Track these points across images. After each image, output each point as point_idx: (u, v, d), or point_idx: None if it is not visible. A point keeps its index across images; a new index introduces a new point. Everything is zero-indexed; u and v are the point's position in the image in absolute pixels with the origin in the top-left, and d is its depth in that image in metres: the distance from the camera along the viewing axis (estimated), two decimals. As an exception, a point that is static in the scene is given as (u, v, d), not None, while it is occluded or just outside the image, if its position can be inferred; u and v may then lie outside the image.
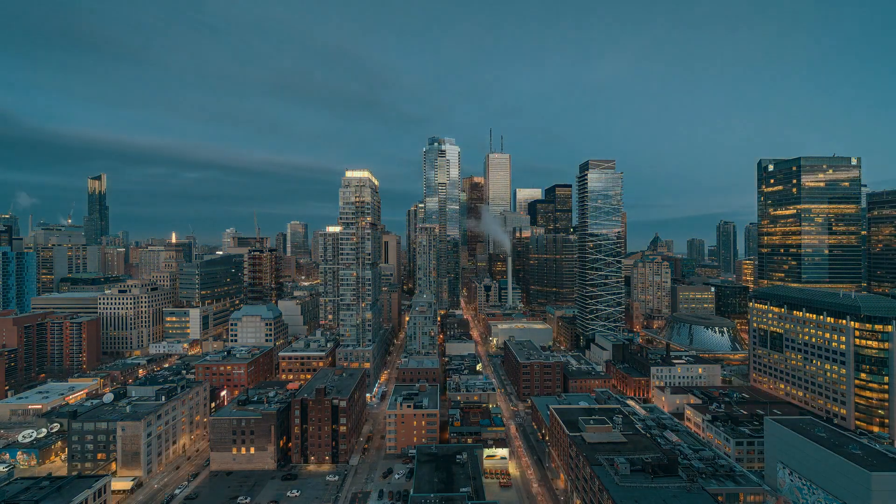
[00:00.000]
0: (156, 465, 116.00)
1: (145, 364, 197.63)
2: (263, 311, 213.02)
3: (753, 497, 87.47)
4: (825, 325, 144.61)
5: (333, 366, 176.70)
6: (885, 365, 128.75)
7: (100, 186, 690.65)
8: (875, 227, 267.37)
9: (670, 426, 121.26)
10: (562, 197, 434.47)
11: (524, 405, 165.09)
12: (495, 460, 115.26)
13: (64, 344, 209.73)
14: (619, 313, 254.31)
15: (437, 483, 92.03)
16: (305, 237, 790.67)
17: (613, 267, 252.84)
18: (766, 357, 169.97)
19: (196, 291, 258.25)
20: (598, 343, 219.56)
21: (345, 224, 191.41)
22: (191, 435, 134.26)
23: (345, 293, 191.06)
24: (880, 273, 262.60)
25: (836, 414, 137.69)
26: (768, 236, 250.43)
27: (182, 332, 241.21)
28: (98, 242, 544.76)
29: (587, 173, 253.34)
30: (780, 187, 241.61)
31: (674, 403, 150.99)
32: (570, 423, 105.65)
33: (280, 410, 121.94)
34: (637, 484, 79.22)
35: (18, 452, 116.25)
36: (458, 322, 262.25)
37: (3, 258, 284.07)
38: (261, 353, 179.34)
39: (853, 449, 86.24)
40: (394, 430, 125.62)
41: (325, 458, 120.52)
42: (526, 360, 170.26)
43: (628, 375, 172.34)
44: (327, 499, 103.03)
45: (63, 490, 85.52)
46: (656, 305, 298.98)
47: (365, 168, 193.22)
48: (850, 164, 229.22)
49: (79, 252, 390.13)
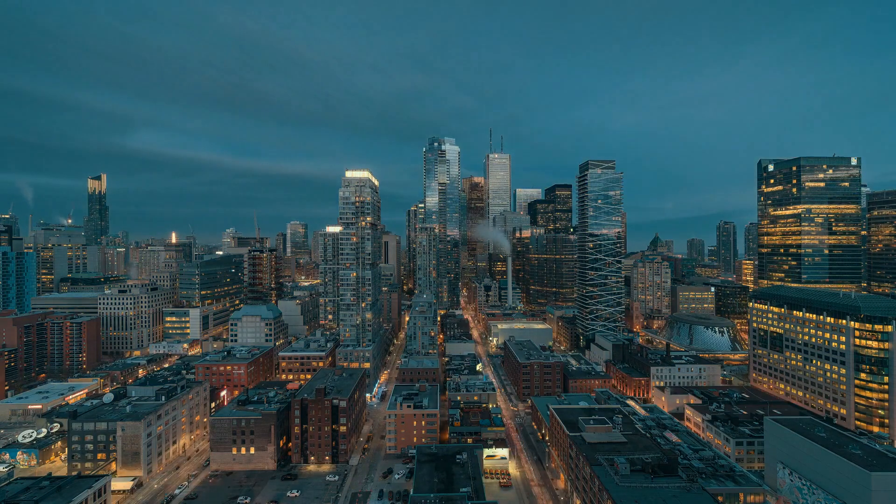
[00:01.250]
0: (156, 465, 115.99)
1: (145, 364, 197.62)
2: (263, 311, 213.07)
3: (753, 497, 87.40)
4: (825, 325, 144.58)
5: (333, 366, 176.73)
6: (885, 365, 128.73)
7: (100, 186, 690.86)
8: (875, 227, 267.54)
9: (670, 426, 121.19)
10: (562, 197, 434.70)
11: (524, 405, 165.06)
12: (495, 460, 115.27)
13: (64, 344, 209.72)
14: (619, 313, 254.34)
15: (437, 483, 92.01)
16: (305, 237, 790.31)
17: (613, 267, 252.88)
18: (766, 357, 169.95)
19: (196, 291, 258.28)
20: (598, 343, 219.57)
21: (345, 224, 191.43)
22: (191, 435, 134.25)
23: (345, 293, 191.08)
24: (880, 273, 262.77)
25: (836, 414, 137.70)
26: (768, 236, 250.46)
27: (182, 332, 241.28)
28: (98, 242, 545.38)
29: (587, 173, 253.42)
30: (780, 187, 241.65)
31: (674, 403, 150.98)
32: (570, 423, 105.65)
33: (280, 410, 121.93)
34: (637, 484, 79.20)
35: (18, 452, 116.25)
36: (458, 322, 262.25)
37: (3, 258, 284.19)
38: (261, 353, 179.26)
39: (853, 449, 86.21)
40: (394, 430, 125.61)
41: (325, 458, 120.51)
42: (526, 360, 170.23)
43: (628, 375, 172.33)
44: (327, 499, 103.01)
45: (63, 490, 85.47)
46: (656, 305, 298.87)
47: (365, 168, 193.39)
48: (850, 164, 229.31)
49: (79, 252, 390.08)
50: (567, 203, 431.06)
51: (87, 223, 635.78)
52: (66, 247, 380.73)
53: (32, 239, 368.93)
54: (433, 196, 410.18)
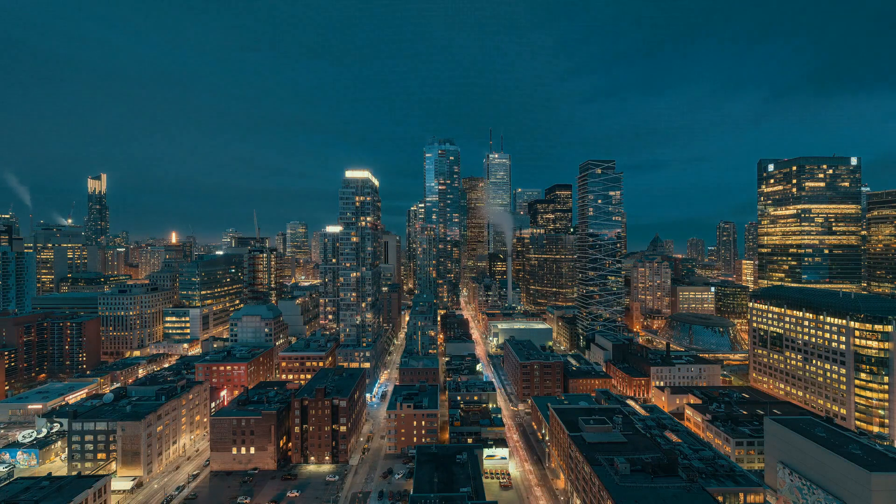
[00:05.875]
0: (156, 465, 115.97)
1: (145, 364, 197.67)
2: (263, 311, 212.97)
3: (753, 497, 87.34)
4: (825, 325, 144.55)
5: (333, 366, 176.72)
6: (885, 365, 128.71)
7: (100, 186, 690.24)
8: (875, 227, 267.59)
9: (670, 426, 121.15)
10: (562, 197, 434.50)
11: (524, 405, 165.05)
12: (495, 460, 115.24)
13: (64, 344, 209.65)
14: (619, 313, 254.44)
15: (437, 483, 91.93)
16: (305, 237, 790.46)
17: (613, 267, 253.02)
18: (766, 357, 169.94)
19: (196, 291, 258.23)
20: (598, 343, 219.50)
21: (345, 224, 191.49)
22: (191, 435, 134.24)
23: (345, 293, 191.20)
24: (880, 273, 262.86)
25: (836, 414, 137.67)
26: (768, 236, 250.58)
27: (182, 332, 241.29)
28: (98, 243, 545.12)
29: (587, 173, 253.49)
30: (780, 187, 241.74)
31: (674, 403, 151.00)
32: (570, 423, 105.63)
33: (280, 410, 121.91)
34: (637, 484, 79.19)
35: (18, 452, 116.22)
36: (458, 322, 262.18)
37: (3, 258, 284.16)
38: (261, 353, 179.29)
39: (853, 449, 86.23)
40: (394, 430, 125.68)
41: (325, 458, 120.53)
42: (526, 360, 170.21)
43: (628, 375, 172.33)
44: (327, 499, 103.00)
45: (63, 490, 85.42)
46: (656, 305, 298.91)
47: (365, 168, 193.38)
48: (850, 164, 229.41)
49: (79, 252, 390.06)
50: (567, 203, 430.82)
51: (87, 223, 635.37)
52: (66, 247, 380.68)
53: (32, 239, 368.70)
54: (433, 196, 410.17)
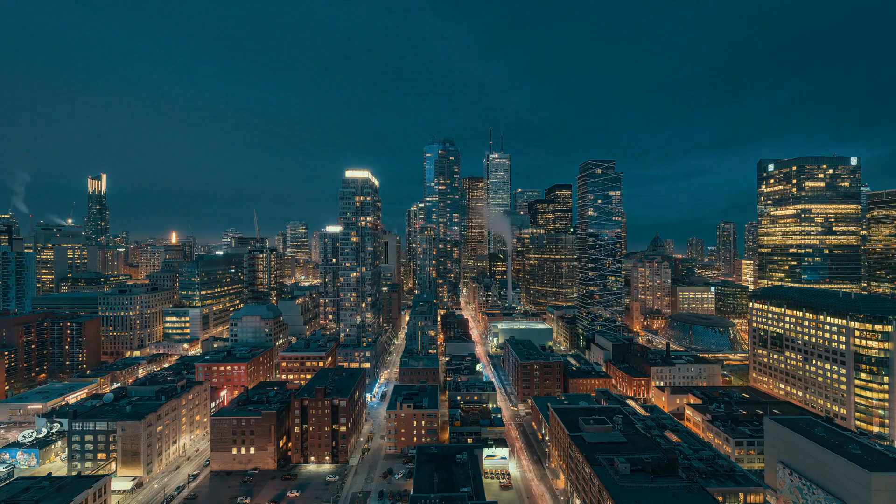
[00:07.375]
0: (156, 465, 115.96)
1: (145, 364, 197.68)
2: (263, 311, 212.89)
3: (753, 497, 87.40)
4: (825, 325, 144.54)
5: (333, 366, 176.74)
6: (885, 365, 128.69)
7: (100, 186, 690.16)
8: (875, 227, 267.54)
9: (670, 426, 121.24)
10: (562, 197, 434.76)
11: (524, 405, 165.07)
12: (495, 460, 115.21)
13: (64, 344, 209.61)
14: (619, 313, 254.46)
15: (437, 483, 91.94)
16: (305, 237, 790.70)
17: (613, 267, 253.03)
18: (766, 357, 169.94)
19: (196, 291, 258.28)
20: (598, 343, 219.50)
21: (345, 224, 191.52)
22: (191, 435, 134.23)
23: (345, 293, 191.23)
24: (880, 273, 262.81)
25: (836, 414, 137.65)
26: (768, 236, 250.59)
27: (182, 332, 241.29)
28: (98, 242, 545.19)
29: (587, 173, 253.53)
30: (780, 187, 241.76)
31: (674, 403, 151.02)
32: (570, 423, 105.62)
33: (280, 410, 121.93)
34: (637, 484, 79.18)
35: (18, 452, 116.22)
36: (458, 322, 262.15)
37: (3, 258, 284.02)
38: (261, 353, 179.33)
39: (853, 449, 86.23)
40: (394, 430, 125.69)
41: (325, 458, 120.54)
42: (526, 360, 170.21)
43: (628, 375, 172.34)
44: (327, 499, 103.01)
45: (63, 490, 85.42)
46: (656, 305, 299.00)
47: (365, 168, 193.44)
48: (850, 164, 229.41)
49: (79, 252, 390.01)
50: (567, 203, 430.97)
51: (87, 223, 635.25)
52: (66, 247, 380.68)
53: (32, 239, 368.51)
54: (433, 196, 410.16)
